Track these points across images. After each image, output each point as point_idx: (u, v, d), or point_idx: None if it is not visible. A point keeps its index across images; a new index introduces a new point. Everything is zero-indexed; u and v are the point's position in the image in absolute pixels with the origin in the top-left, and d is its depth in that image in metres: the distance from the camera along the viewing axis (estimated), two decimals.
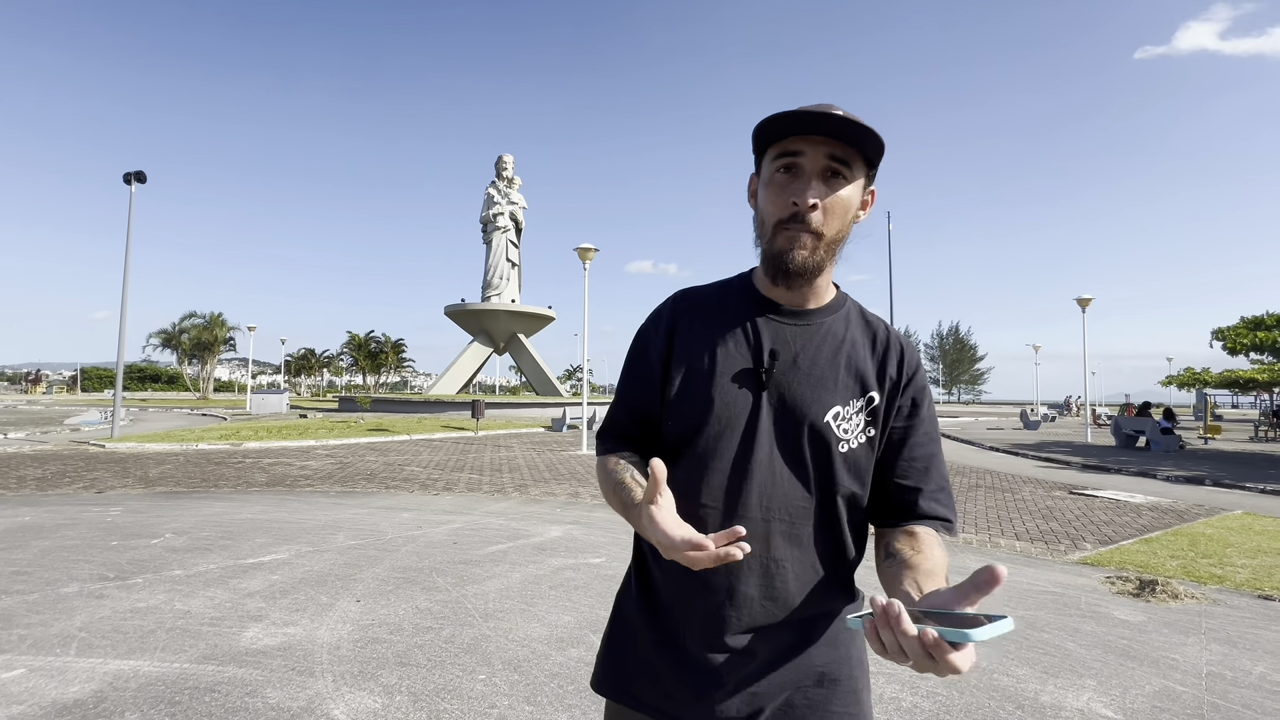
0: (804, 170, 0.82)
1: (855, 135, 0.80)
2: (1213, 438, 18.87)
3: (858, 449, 0.87)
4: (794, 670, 0.87)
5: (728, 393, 0.87)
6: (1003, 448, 15.85)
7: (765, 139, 0.85)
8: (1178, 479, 10.22)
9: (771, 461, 0.85)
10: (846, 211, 0.84)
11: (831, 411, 0.86)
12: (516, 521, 6.13)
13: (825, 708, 0.88)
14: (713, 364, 0.88)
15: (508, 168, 35.94)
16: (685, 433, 0.89)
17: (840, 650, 0.90)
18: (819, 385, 0.87)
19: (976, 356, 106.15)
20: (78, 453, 11.80)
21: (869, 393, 0.88)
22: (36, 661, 2.83)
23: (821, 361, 0.88)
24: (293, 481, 8.63)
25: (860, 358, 0.89)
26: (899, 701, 2.61)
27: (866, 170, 0.86)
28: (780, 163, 0.83)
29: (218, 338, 58.62)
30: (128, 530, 5.45)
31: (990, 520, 6.63)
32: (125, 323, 15.63)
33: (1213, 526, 6.38)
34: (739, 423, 0.86)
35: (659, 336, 0.94)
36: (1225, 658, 3.10)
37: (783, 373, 0.87)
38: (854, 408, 0.87)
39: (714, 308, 0.93)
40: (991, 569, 0.61)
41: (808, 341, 0.89)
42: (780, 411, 0.86)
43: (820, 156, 0.81)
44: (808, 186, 0.82)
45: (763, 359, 0.87)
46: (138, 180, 15.75)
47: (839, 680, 0.89)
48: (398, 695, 2.59)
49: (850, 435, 0.86)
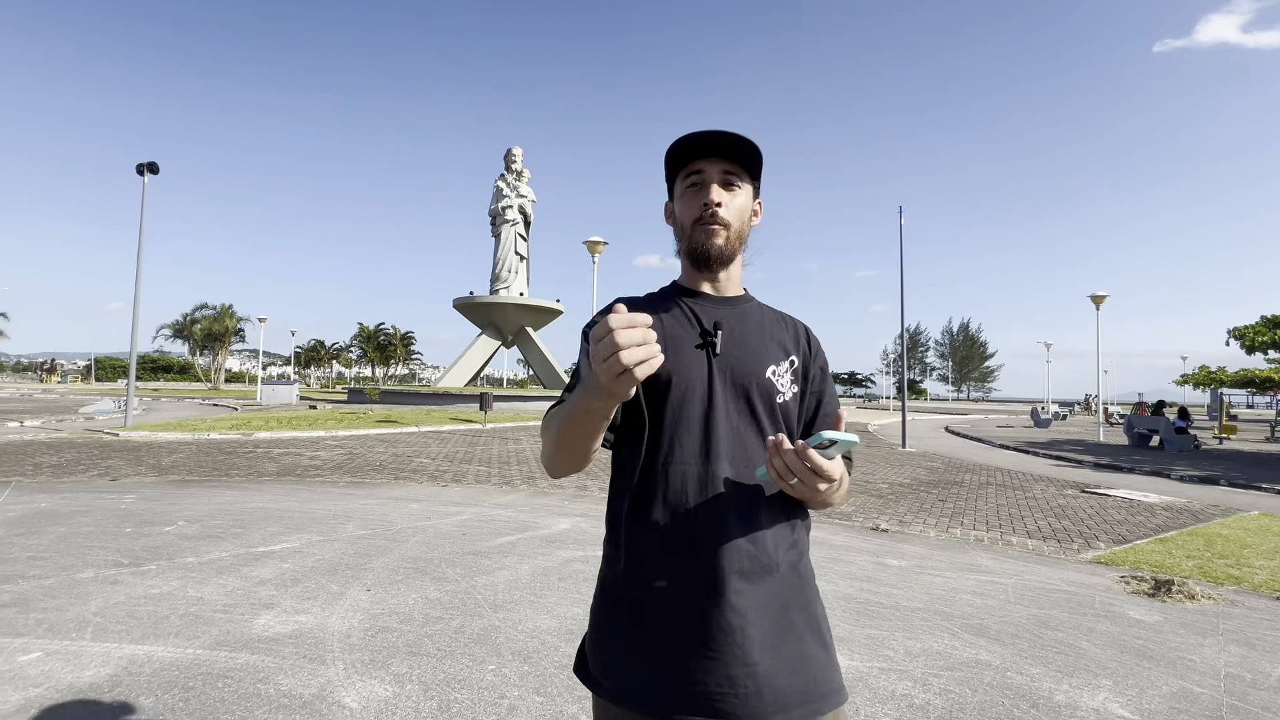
0: (707, 181, 1.02)
1: (740, 152, 1.01)
2: (1228, 437, 18.62)
3: (789, 401, 1.05)
4: (782, 634, 0.94)
5: (684, 364, 1.00)
6: (1013, 445, 15.72)
7: (674, 167, 1.06)
8: (1192, 479, 10.09)
9: (729, 417, 0.99)
10: (743, 213, 1.05)
11: (769, 369, 1.03)
12: (525, 513, 6.15)
13: (812, 665, 0.95)
14: (664, 339, 0.99)
15: (517, 160, 35.89)
16: (652, 404, 1.00)
17: (810, 611, 0.99)
18: (756, 349, 1.04)
19: (986, 354, 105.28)
20: (92, 441, 11.95)
21: (791, 356, 1.07)
22: (53, 645, 2.87)
23: (752, 332, 1.06)
24: (303, 471, 8.69)
25: (778, 332, 1.09)
26: (911, 699, 2.58)
27: (753, 182, 1.07)
28: (689, 180, 1.04)
29: (228, 329, 59.16)
30: (141, 517, 5.51)
31: (1002, 518, 6.58)
32: (138, 313, 15.78)
33: (1229, 527, 6.29)
34: (699, 387, 1.00)
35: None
36: (1244, 659, 3.06)
37: (725, 342, 1.02)
38: (784, 367, 1.05)
39: (653, 304, 1.08)
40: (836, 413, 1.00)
41: (739, 319, 1.06)
42: (730, 374, 1.01)
43: (717, 171, 1.02)
44: (711, 191, 1.02)
45: (709, 332, 1.02)
46: (151, 171, 15.85)
47: (817, 635, 0.98)
48: (408, 684, 2.59)
49: (785, 389, 1.04)
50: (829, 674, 0.96)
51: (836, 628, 3.34)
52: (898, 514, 6.65)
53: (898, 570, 4.48)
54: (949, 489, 8.54)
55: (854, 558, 4.79)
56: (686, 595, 0.92)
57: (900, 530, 5.87)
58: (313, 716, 2.33)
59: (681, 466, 0.96)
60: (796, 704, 0.90)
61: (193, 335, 59.16)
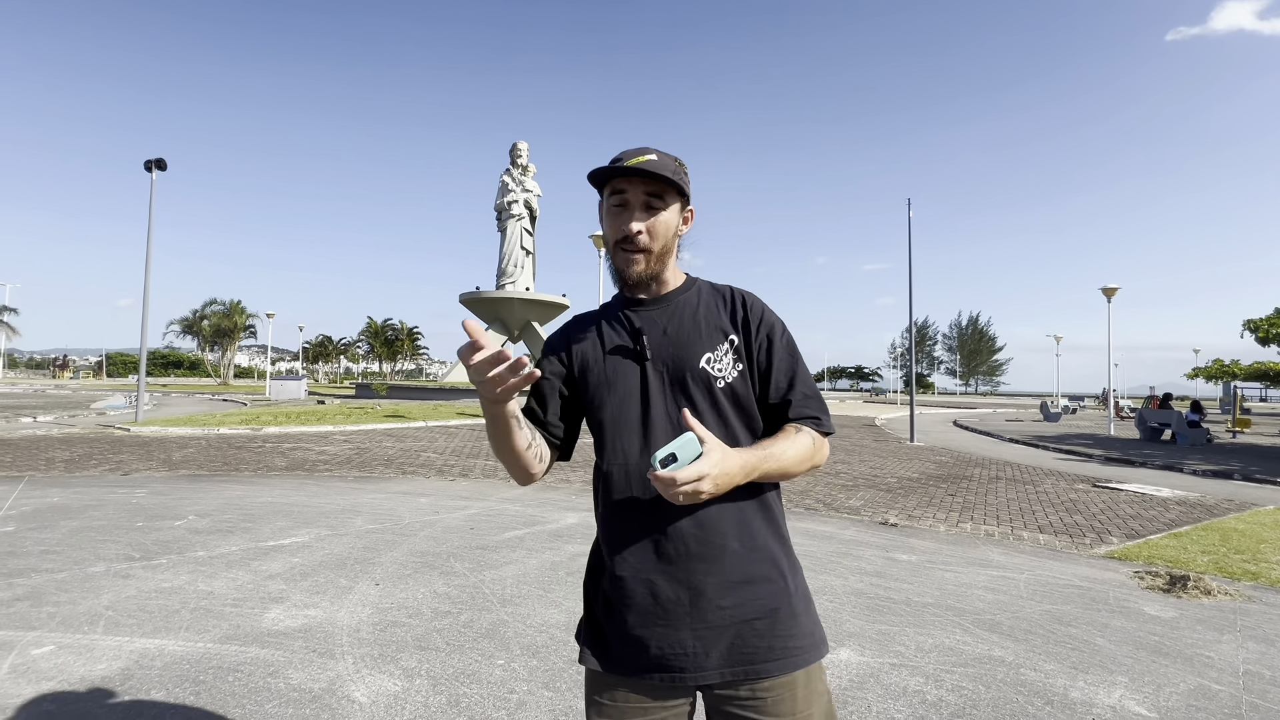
0: (630, 203, 1.05)
1: (659, 179, 1.03)
2: (1241, 431, 18.41)
3: (734, 382, 1.07)
4: (740, 604, 1.02)
5: (619, 368, 1.08)
6: (1023, 440, 15.61)
7: (599, 181, 1.09)
8: (1206, 473, 9.97)
9: (667, 414, 1.05)
10: (667, 231, 1.08)
11: (704, 358, 1.07)
12: (532, 508, 6.15)
13: (770, 634, 1.02)
14: (603, 351, 1.11)
15: (522, 155, 35.81)
16: (596, 411, 1.10)
17: (776, 584, 1.04)
18: (688, 343, 1.08)
19: (995, 347, 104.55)
20: (104, 436, 12.07)
21: (730, 336, 1.09)
22: (65, 639, 2.88)
23: (685, 326, 1.09)
24: (311, 466, 8.74)
25: (715, 315, 1.11)
26: (923, 695, 2.56)
27: (680, 198, 1.09)
28: (613, 199, 1.07)
29: (237, 324, 59.57)
30: (152, 512, 5.54)
31: (1013, 513, 6.52)
32: (148, 310, 15.88)
33: (1245, 522, 6.21)
34: (634, 390, 1.07)
35: (560, 338, 1.17)
36: (1263, 656, 3.01)
37: (657, 343, 1.08)
38: (721, 350, 1.08)
39: (596, 317, 1.16)
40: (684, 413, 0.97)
41: (671, 316, 1.11)
42: (665, 372, 1.07)
43: (640, 193, 1.05)
44: (632, 216, 1.05)
45: (639, 337, 1.09)
46: (158, 168, 15.92)
47: (778, 609, 1.04)
48: (417, 679, 2.59)
49: (724, 372, 1.07)
50: (788, 640, 1.03)
51: (847, 623, 3.31)
52: (907, 508, 6.60)
53: (908, 565, 4.45)
54: (958, 483, 8.48)
55: (864, 552, 4.76)
56: (642, 577, 1.02)
57: (910, 525, 5.83)
58: (322, 710, 2.33)
59: (625, 466, 1.05)
60: (743, 662, 1.01)
61: (202, 331, 59.61)
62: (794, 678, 1.02)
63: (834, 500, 7.00)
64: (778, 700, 1.01)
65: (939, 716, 2.39)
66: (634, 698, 1.03)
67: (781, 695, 1.01)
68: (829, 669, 2.77)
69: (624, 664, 1.03)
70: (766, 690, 1.01)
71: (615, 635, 1.04)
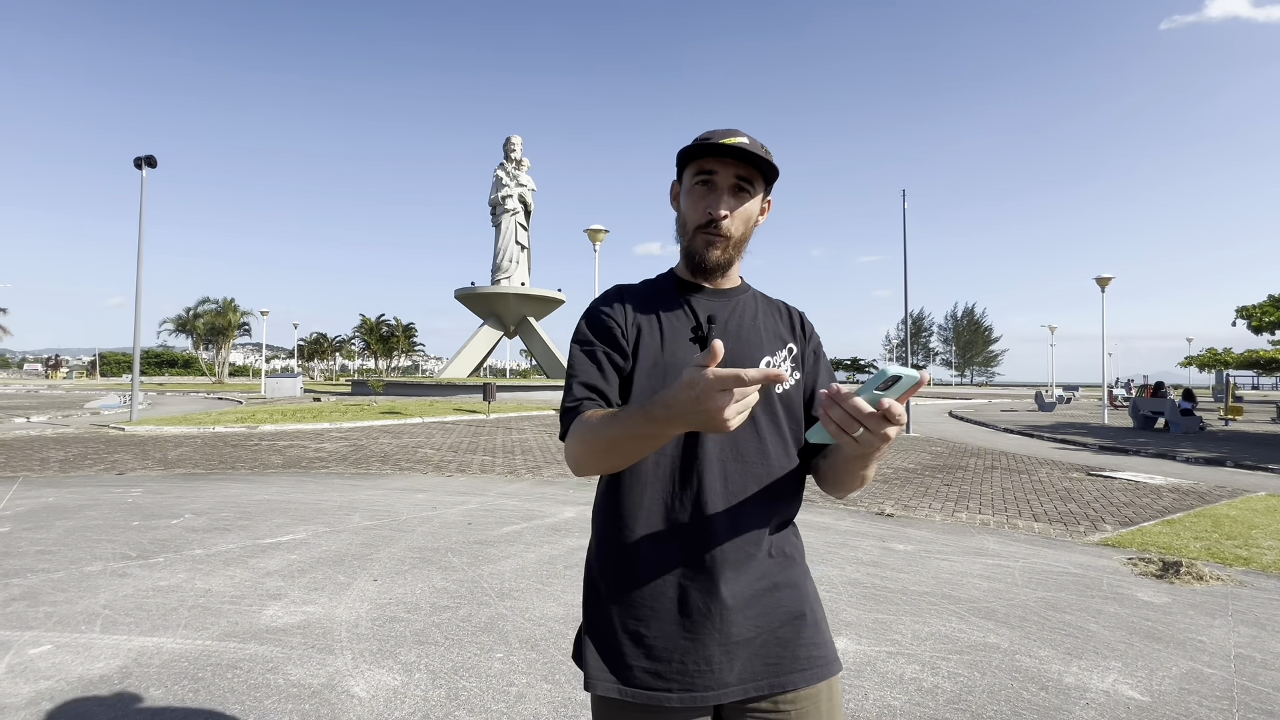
0: (717, 186, 1.00)
1: (756, 163, 0.99)
2: (1234, 419, 18.56)
3: (790, 390, 1.04)
4: (765, 613, 0.96)
5: (679, 354, 1.01)
6: (1018, 429, 15.70)
7: (686, 157, 1.02)
8: (1198, 460, 10.06)
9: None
10: (750, 219, 1.04)
11: (764, 361, 1.03)
12: (530, 502, 6.15)
13: (795, 642, 0.97)
14: (661, 332, 1.02)
15: (516, 149, 35.64)
16: (646, 393, 0.99)
17: (799, 589, 1.00)
18: (750, 341, 1.04)
19: (990, 338, 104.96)
20: (98, 435, 12.01)
21: (789, 343, 1.08)
22: (63, 638, 2.88)
23: (746, 324, 1.06)
24: (308, 463, 8.72)
25: (773, 321, 1.10)
26: (920, 682, 2.58)
27: (766, 185, 1.05)
28: (699, 178, 1.01)
29: (231, 323, 59.29)
30: (148, 511, 5.53)
31: (1007, 501, 6.57)
32: (140, 308, 15.78)
33: (1236, 508, 6.27)
34: None
35: (615, 309, 1.04)
36: (1254, 640, 3.04)
37: (719, 334, 1.03)
38: (781, 356, 1.05)
39: (651, 294, 1.08)
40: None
41: (733, 311, 1.07)
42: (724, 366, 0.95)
43: (730, 175, 1.00)
44: (720, 200, 1.00)
45: (702, 324, 1.03)
46: (148, 165, 15.77)
47: (804, 615, 0.99)
48: (416, 673, 2.60)
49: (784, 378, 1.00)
50: (812, 650, 0.98)
51: (844, 612, 3.33)
52: (903, 499, 6.64)
53: (904, 555, 4.48)
54: (954, 473, 8.53)
55: (860, 543, 4.79)
56: (669, 583, 0.95)
57: (906, 515, 5.86)
58: (322, 706, 2.34)
59: (667, 459, 0.97)
60: (767, 674, 0.95)
61: (196, 329, 59.31)
62: (818, 689, 0.97)
63: None
64: (802, 714, 0.95)
65: (935, 703, 2.41)
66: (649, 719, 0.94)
67: (806, 709, 0.95)
68: None
69: (640, 683, 0.93)
70: (790, 703, 0.95)
71: (632, 650, 0.95)
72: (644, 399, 0.94)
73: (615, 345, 1.01)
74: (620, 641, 0.96)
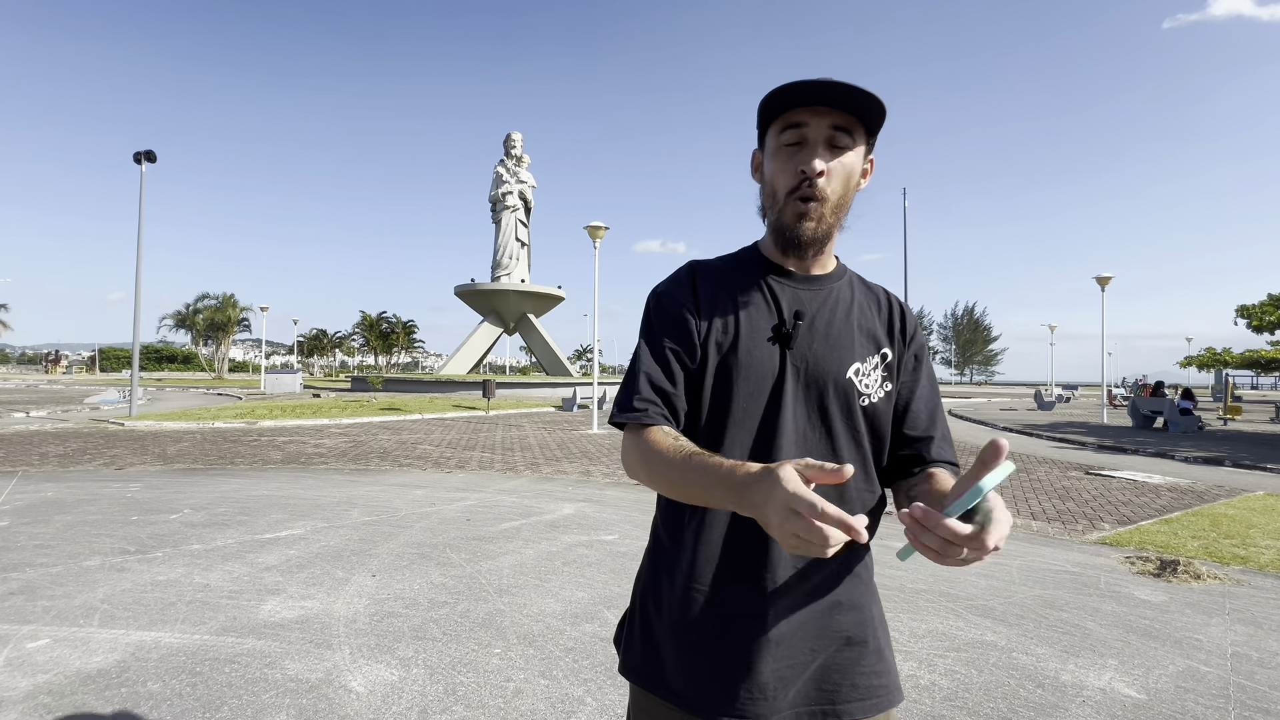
0: (809, 140, 0.86)
1: (856, 104, 0.84)
2: (1233, 419, 18.58)
3: (878, 402, 0.92)
4: (823, 635, 0.89)
5: (755, 354, 0.89)
6: (1016, 428, 15.71)
7: (769, 114, 0.88)
8: (1197, 460, 10.06)
9: (796, 421, 0.88)
10: (850, 177, 0.88)
11: (852, 368, 0.90)
12: (529, 499, 6.16)
13: (854, 669, 0.89)
14: (737, 327, 0.90)
15: (516, 146, 35.58)
16: (715, 394, 0.90)
17: (864, 612, 0.92)
18: (837, 344, 0.91)
19: (990, 337, 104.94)
20: (97, 430, 12.00)
21: (882, 349, 0.94)
22: (61, 632, 2.88)
23: (837, 322, 0.92)
24: (307, 459, 8.72)
25: (869, 318, 0.95)
26: (917, 679, 2.58)
27: (867, 138, 0.90)
28: (786, 135, 0.87)
29: (231, 318, 59.25)
30: (147, 506, 5.53)
31: (1005, 499, 6.56)
32: (140, 303, 15.76)
33: (1234, 507, 6.28)
34: (767, 383, 0.89)
35: (687, 295, 0.94)
36: (1251, 638, 3.05)
37: (804, 334, 0.90)
38: (871, 364, 0.92)
39: (729, 276, 0.95)
40: (994, 441, 0.65)
41: (822, 305, 0.93)
42: (805, 371, 0.90)
43: (824, 126, 0.85)
44: (814, 154, 0.85)
45: (785, 321, 0.90)
46: (148, 160, 15.74)
47: (865, 641, 0.91)
48: (414, 668, 2.60)
49: (871, 390, 0.91)
50: (873, 678, 0.89)
51: None
52: None
53: None
54: None
55: None
56: (729, 605, 0.88)
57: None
58: (320, 700, 2.34)
59: None
60: (821, 700, 0.88)
61: (195, 325, 59.25)
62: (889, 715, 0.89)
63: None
64: None
65: (932, 700, 2.42)
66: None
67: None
68: None
69: (687, 700, 0.88)
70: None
71: (682, 666, 0.89)
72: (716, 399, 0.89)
73: (684, 340, 0.91)
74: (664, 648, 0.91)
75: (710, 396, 0.90)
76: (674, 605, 0.91)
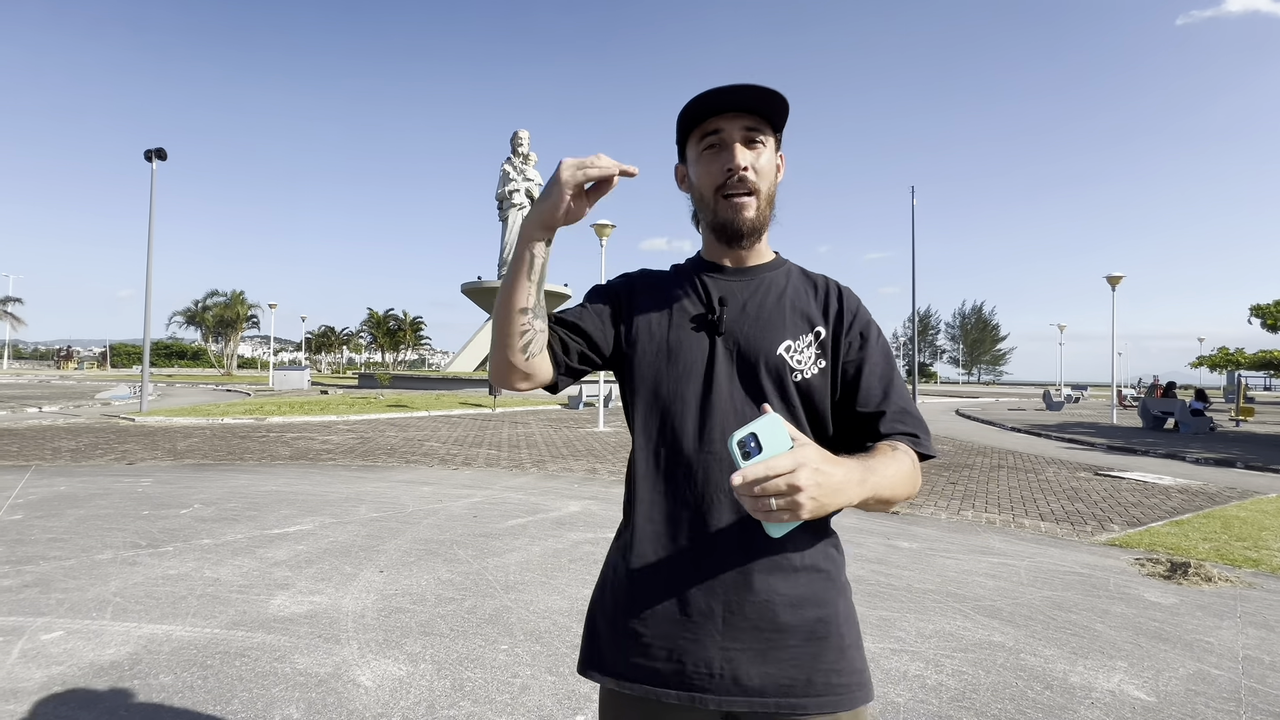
0: (727, 142, 0.93)
1: (763, 103, 0.92)
2: (1245, 420, 18.38)
3: (812, 379, 0.94)
4: (776, 632, 0.89)
5: (685, 339, 0.96)
6: (1025, 428, 15.60)
7: (687, 126, 0.96)
8: (1208, 461, 9.96)
9: (732, 398, 0.93)
10: (770, 172, 0.96)
11: (783, 345, 0.94)
12: (535, 496, 6.18)
13: (812, 665, 0.89)
14: (669, 316, 0.98)
15: (523, 143, 35.62)
16: (648, 382, 0.96)
17: (827, 608, 0.91)
18: (768, 325, 0.95)
19: (998, 336, 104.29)
20: (109, 426, 12.13)
21: (816, 327, 0.97)
22: (74, 624, 2.92)
23: (768, 305, 0.97)
24: (315, 455, 8.78)
25: (803, 301, 0.99)
26: (924, 679, 2.57)
27: (775, 135, 0.97)
28: (705, 142, 0.95)
29: (240, 315, 59.69)
30: (158, 500, 5.58)
31: (1014, 500, 6.53)
32: (150, 300, 15.90)
33: (1246, 509, 6.21)
34: (698, 365, 0.95)
35: (621, 284, 1.04)
36: (1263, 642, 3.02)
37: (734, 319, 0.96)
38: (804, 342, 0.95)
39: (667, 278, 1.03)
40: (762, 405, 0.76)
41: (754, 291, 0.98)
42: (736, 352, 0.95)
43: (738, 129, 0.93)
44: (735, 153, 0.93)
45: (714, 307, 0.96)
46: (158, 157, 15.87)
47: (827, 638, 0.90)
48: (422, 664, 2.62)
49: (804, 366, 0.94)
50: (831, 676, 0.89)
51: None
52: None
53: (909, 552, 4.47)
54: (960, 471, 8.49)
55: (865, 539, 4.78)
56: (671, 580, 0.91)
57: (911, 513, 5.85)
58: (328, 694, 2.36)
59: (675, 452, 0.93)
60: (776, 693, 0.88)
61: (205, 321, 59.77)
62: (858, 713, 0.90)
63: None
64: None
65: (939, 700, 2.41)
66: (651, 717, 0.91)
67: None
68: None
69: (636, 676, 0.91)
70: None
71: (630, 644, 0.92)
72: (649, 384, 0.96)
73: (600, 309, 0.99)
74: (618, 633, 0.93)
75: (646, 380, 0.96)
76: (623, 587, 0.94)
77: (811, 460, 0.69)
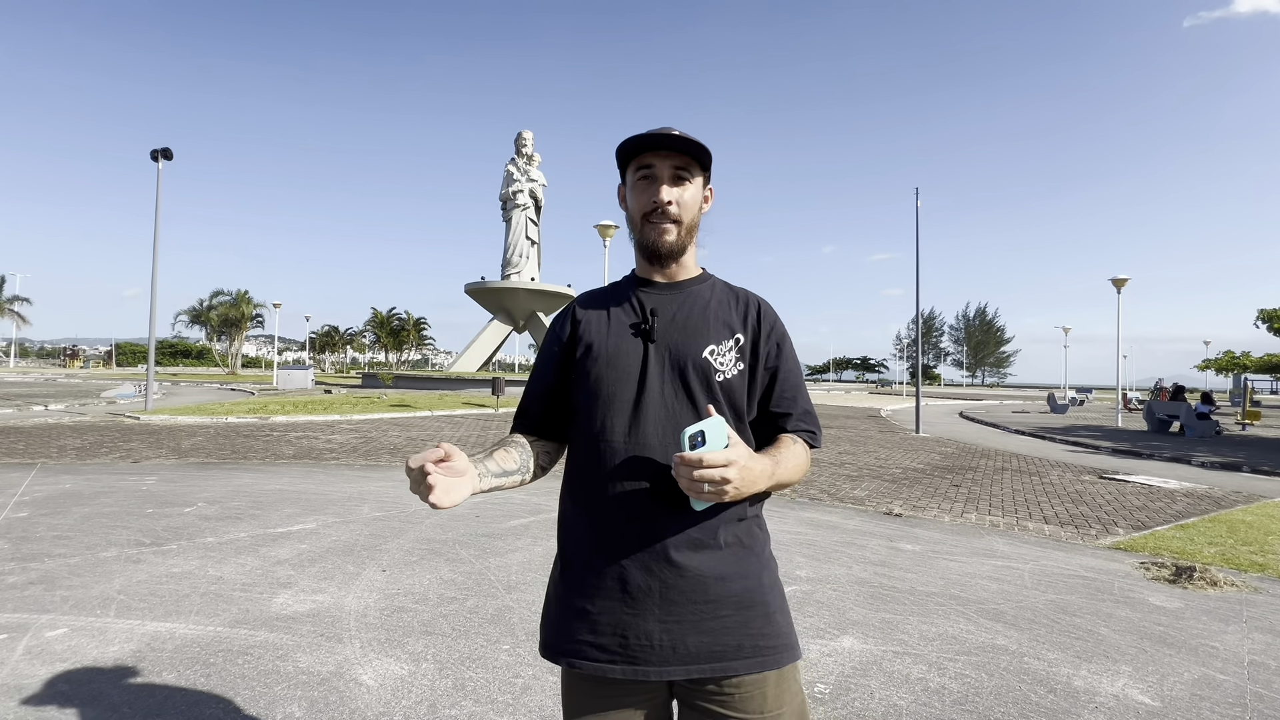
0: (657, 176, 1.08)
1: (688, 149, 1.07)
2: (1251, 423, 18.27)
3: (733, 379, 1.07)
4: (708, 602, 1.00)
5: (623, 346, 1.08)
6: (1029, 431, 15.54)
7: (626, 158, 1.11)
8: (1214, 465, 9.91)
9: (663, 398, 1.05)
10: (694, 205, 1.11)
11: (707, 349, 1.07)
12: (538, 496, 6.18)
13: (741, 631, 1.01)
14: (606, 329, 1.11)
15: (527, 144, 35.65)
16: (590, 385, 1.08)
17: (752, 580, 1.03)
18: (695, 332, 1.08)
19: (1002, 339, 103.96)
20: (114, 424, 12.19)
21: (736, 334, 1.10)
22: (78, 621, 2.93)
23: (695, 315, 1.10)
24: (319, 454, 8.80)
25: (726, 311, 1.12)
26: (926, 682, 2.56)
27: (704, 173, 1.13)
28: (639, 173, 1.09)
29: (245, 314, 59.91)
30: (162, 499, 5.61)
31: (1018, 503, 6.51)
32: (156, 299, 15.97)
33: (1253, 514, 6.17)
34: (633, 370, 1.07)
35: (563, 322, 1.17)
36: (1269, 646, 3.00)
37: (664, 327, 1.09)
38: (726, 346, 1.08)
39: (605, 294, 1.17)
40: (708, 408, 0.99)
41: (682, 303, 1.11)
42: (667, 357, 1.07)
43: (667, 166, 1.08)
44: (661, 187, 1.07)
45: (647, 317, 1.09)
46: (164, 157, 15.94)
47: (753, 606, 1.02)
48: (424, 663, 2.62)
49: (726, 368, 1.07)
50: (759, 640, 1.01)
51: (850, 611, 3.32)
52: (911, 499, 6.60)
53: (912, 555, 4.45)
54: (964, 474, 8.46)
55: (867, 542, 4.76)
56: (614, 563, 1.01)
57: (914, 515, 5.83)
58: (330, 693, 2.36)
59: (611, 445, 1.03)
60: (711, 659, 0.99)
61: (210, 321, 60.01)
62: (765, 677, 1.01)
63: (839, 490, 7.00)
64: (746, 698, 1.00)
65: (941, 704, 2.40)
66: (601, 691, 1.02)
67: (751, 693, 1.00)
68: (831, 656, 2.78)
69: (585, 655, 1.01)
70: (735, 687, 1.00)
71: (579, 624, 1.02)
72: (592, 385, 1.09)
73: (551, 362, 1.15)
74: (568, 616, 1.03)
75: (588, 384, 1.08)
76: (569, 570, 1.06)
77: (741, 459, 0.89)
